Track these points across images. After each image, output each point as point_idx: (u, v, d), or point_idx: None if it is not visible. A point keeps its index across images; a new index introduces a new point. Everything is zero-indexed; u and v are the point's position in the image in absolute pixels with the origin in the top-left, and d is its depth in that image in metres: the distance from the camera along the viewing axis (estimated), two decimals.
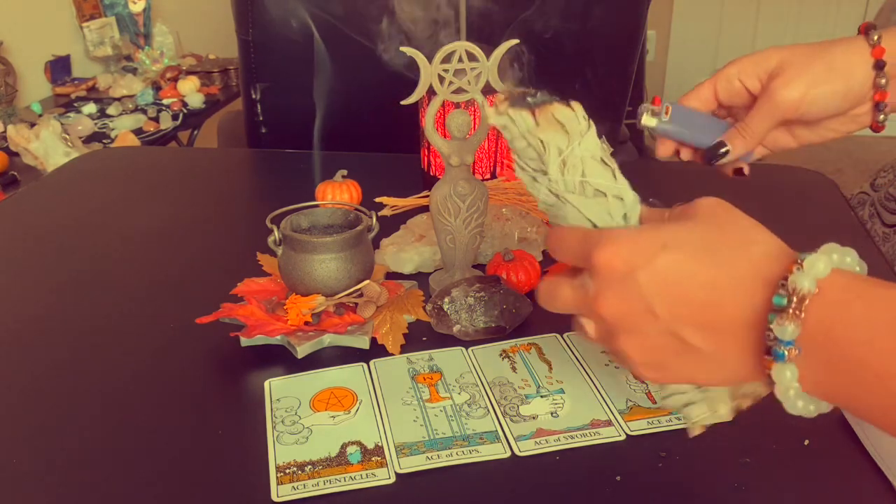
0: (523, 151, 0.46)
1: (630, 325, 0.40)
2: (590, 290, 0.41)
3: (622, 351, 0.41)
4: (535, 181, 0.46)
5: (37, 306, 0.74)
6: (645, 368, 0.41)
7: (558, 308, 0.44)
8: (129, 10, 2.63)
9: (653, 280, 0.39)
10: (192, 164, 1.17)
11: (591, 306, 0.41)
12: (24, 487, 0.52)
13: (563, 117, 0.45)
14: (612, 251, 0.40)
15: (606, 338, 0.42)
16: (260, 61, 1.26)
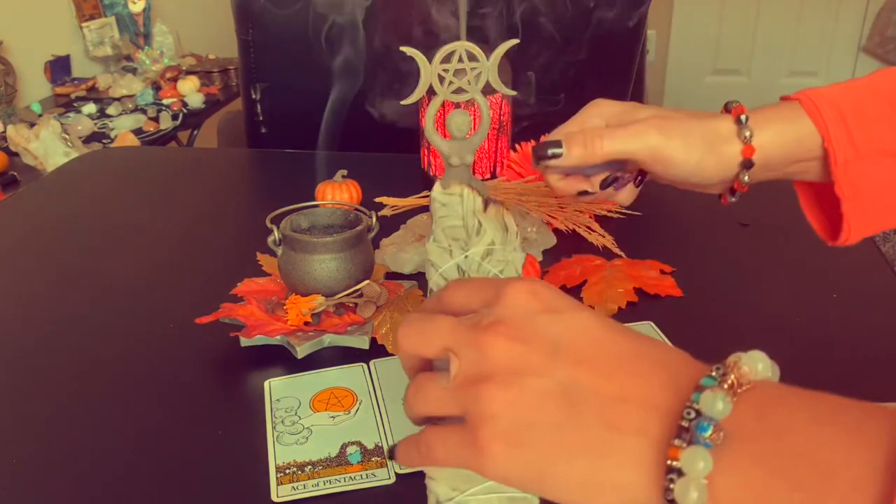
0: (450, 229, 0.45)
1: (517, 367, 0.31)
2: (483, 318, 0.33)
3: (485, 400, 0.31)
4: (446, 254, 0.44)
5: (36, 306, 0.74)
6: (501, 433, 0.31)
7: (420, 344, 0.35)
8: (128, 10, 2.63)
9: (571, 326, 0.32)
10: (192, 164, 1.17)
11: (479, 335, 0.32)
12: (24, 487, 0.52)
13: (509, 222, 0.45)
14: (536, 286, 0.34)
15: (473, 380, 0.32)
16: (260, 61, 1.26)
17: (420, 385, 0.35)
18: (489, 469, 0.32)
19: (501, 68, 0.67)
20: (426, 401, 0.34)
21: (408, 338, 0.36)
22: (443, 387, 0.33)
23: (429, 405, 0.34)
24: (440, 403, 0.34)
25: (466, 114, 0.68)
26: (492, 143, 0.94)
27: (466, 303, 0.36)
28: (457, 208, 0.45)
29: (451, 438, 0.33)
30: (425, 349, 0.35)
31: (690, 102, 3.57)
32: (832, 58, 3.44)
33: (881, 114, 0.52)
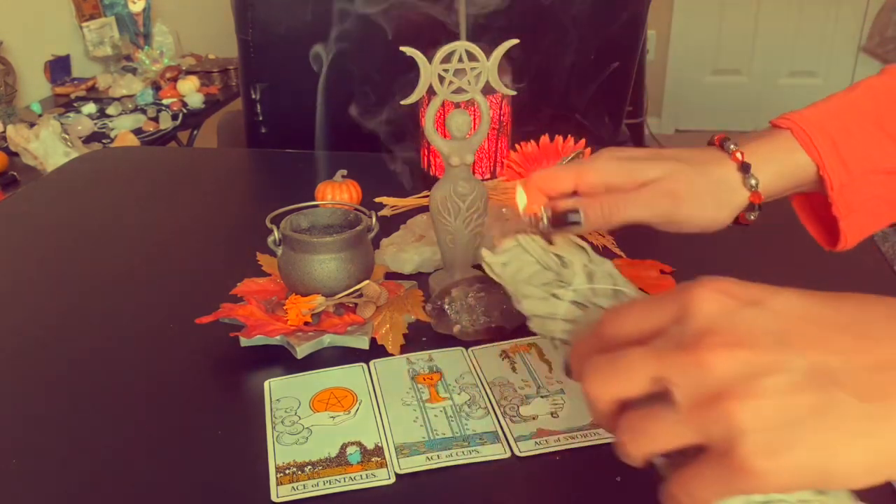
0: (534, 277, 0.43)
1: (749, 373, 0.29)
2: (684, 335, 0.31)
3: (730, 418, 0.29)
4: (551, 299, 0.42)
5: (36, 306, 0.74)
6: (761, 446, 0.29)
7: (621, 385, 0.32)
8: (128, 10, 2.63)
9: (780, 311, 0.31)
10: (191, 164, 1.17)
11: (692, 354, 0.30)
12: (24, 487, 0.52)
13: (580, 241, 0.44)
14: (718, 284, 0.32)
15: (704, 402, 0.30)
16: (260, 61, 1.26)
17: (638, 425, 0.32)
18: (763, 486, 0.30)
19: (501, 68, 0.67)
20: (653, 439, 0.32)
21: (601, 383, 0.33)
22: (670, 419, 0.31)
23: (657, 442, 0.32)
24: (671, 437, 0.31)
25: (466, 114, 0.68)
26: (492, 143, 0.94)
27: (642, 327, 0.33)
28: (523, 257, 0.44)
29: (705, 474, 0.31)
30: (627, 388, 0.32)
31: (690, 102, 3.57)
32: (832, 58, 3.44)
33: (868, 135, 0.54)
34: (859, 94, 0.56)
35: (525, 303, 0.43)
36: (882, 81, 0.57)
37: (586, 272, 0.42)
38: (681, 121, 3.64)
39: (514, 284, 0.44)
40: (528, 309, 0.43)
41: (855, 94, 0.56)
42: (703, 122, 3.60)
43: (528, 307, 0.43)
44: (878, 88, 0.56)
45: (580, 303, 0.41)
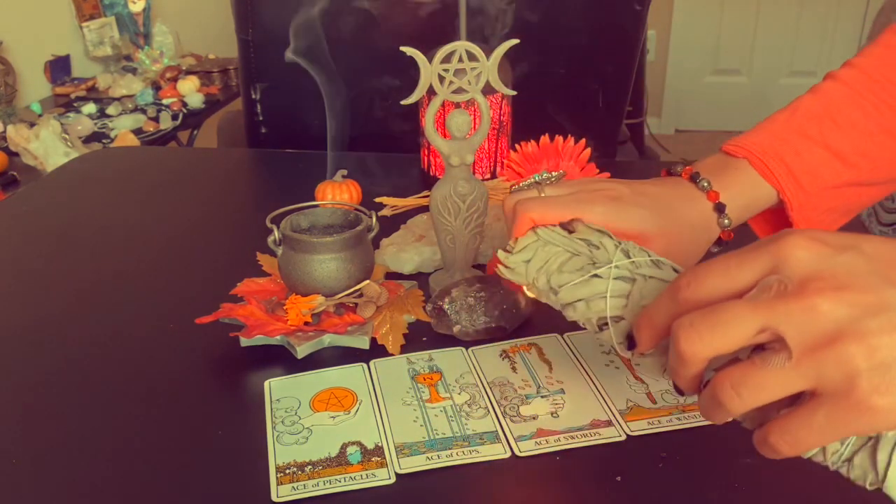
0: (565, 265, 0.43)
1: (858, 314, 0.30)
2: (786, 284, 0.32)
3: (845, 360, 0.30)
4: (592, 280, 0.42)
5: (35, 306, 0.74)
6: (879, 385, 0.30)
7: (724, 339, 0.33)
8: (128, 10, 2.63)
9: (873, 252, 0.32)
10: (191, 164, 1.17)
11: (798, 301, 0.31)
12: (23, 487, 0.52)
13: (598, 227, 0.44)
14: (808, 233, 0.33)
15: (816, 346, 0.31)
16: (260, 61, 1.26)
17: (742, 377, 0.33)
18: (882, 424, 0.31)
19: (501, 68, 0.67)
20: (759, 389, 0.33)
21: (699, 338, 0.33)
22: (778, 367, 0.32)
23: (762, 393, 0.33)
24: (780, 386, 0.32)
25: (466, 114, 0.68)
26: (492, 143, 0.94)
27: (733, 282, 0.34)
28: (546, 249, 0.44)
29: (815, 418, 0.32)
30: (730, 341, 0.33)
31: (690, 102, 3.58)
32: (832, 58, 3.44)
33: (816, 156, 0.58)
34: (801, 116, 0.59)
35: (563, 291, 0.42)
36: (818, 100, 0.60)
37: (621, 250, 0.42)
38: (681, 121, 3.64)
39: (545, 276, 0.43)
40: (566, 296, 0.42)
41: (797, 117, 0.60)
42: (703, 122, 3.61)
43: (567, 294, 0.42)
44: (815, 109, 0.60)
45: (626, 277, 0.41)
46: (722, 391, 0.34)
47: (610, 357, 0.63)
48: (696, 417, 0.56)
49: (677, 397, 0.58)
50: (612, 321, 0.41)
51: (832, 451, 0.35)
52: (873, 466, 0.34)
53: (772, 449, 0.34)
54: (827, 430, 0.32)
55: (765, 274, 0.33)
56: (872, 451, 0.34)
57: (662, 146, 3.29)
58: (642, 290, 0.40)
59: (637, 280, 0.41)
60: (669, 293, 0.36)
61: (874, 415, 0.31)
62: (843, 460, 0.35)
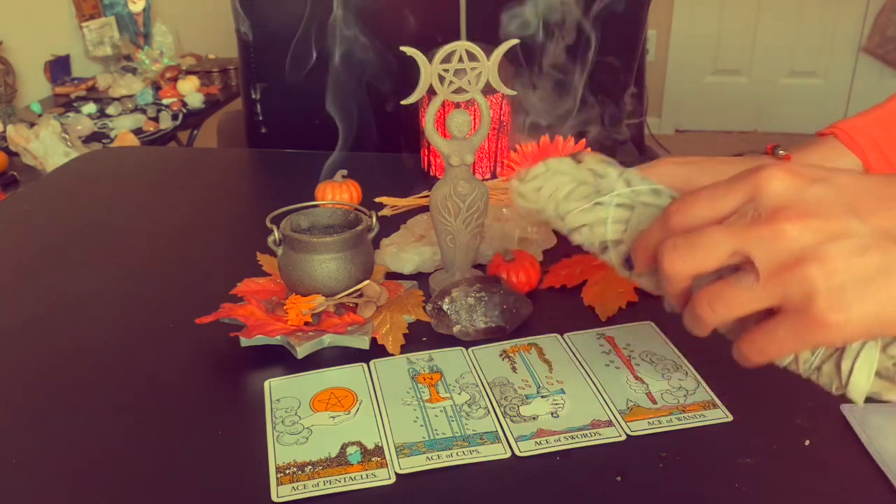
0: (571, 193, 0.46)
1: (822, 239, 0.34)
2: (760, 211, 0.35)
3: (807, 279, 0.33)
4: (596, 207, 0.45)
5: (35, 306, 0.74)
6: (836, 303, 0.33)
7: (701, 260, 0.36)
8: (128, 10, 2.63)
9: (843, 185, 0.35)
10: (192, 164, 1.17)
11: (769, 226, 0.34)
12: (23, 487, 0.52)
13: (605, 158, 0.46)
14: (784, 166, 0.36)
15: (782, 268, 0.34)
16: (260, 61, 1.26)
17: (716, 294, 0.37)
18: (838, 338, 0.34)
19: (501, 68, 0.67)
20: (731, 305, 0.36)
21: (680, 260, 0.37)
22: (749, 286, 0.35)
23: (733, 308, 0.36)
24: (748, 302, 0.36)
25: (466, 114, 0.68)
26: (492, 143, 0.94)
27: (716, 210, 0.37)
28: (555, 178, 0.46)
29: (779, 332, 0.35)
30: (706, 262, 0.37)
31: (690, 102, 3.57)
32: (832, 58, 3.44)
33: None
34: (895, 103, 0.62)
35: (569, 217, 0.46)
36: None
37: (623, 179, 0.45)
38: (681, 121, 3.64)
39: (553, 203, 0.47)
40: (572, 222, 0.46)
41: (892, 105, 0.62)
42: (703, 123, 3.61)
43: (573, 220, 0.46)
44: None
45: (626, 204, 0.44)
46: (699, 306, 0.38)
47: (610, 357, 0.63)
48: (696, 417, 0.56)
49: (677, 397, 0.58)
50: (613, 244, 0.45)
51: (803, 360, 0.38)
52: (837, 374, 0.38)
53: (744, 357, 0.38)
54: (788, 342, 0.35)
55: (744, 202, 0.36)
56: (838, 360, 0.37)
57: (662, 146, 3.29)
58: (640, 216, 0.44)
59: (636, 207, 0.44)
60: (661, 219, 0.40)
61: (829, 329, 0.34)
62: (813, 368, 0.39)
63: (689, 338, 0.65)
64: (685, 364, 0.62)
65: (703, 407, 0.57)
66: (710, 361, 0.61)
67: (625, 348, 0.64)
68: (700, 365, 0.61)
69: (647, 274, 0.43)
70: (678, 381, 0.60)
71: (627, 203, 0.44)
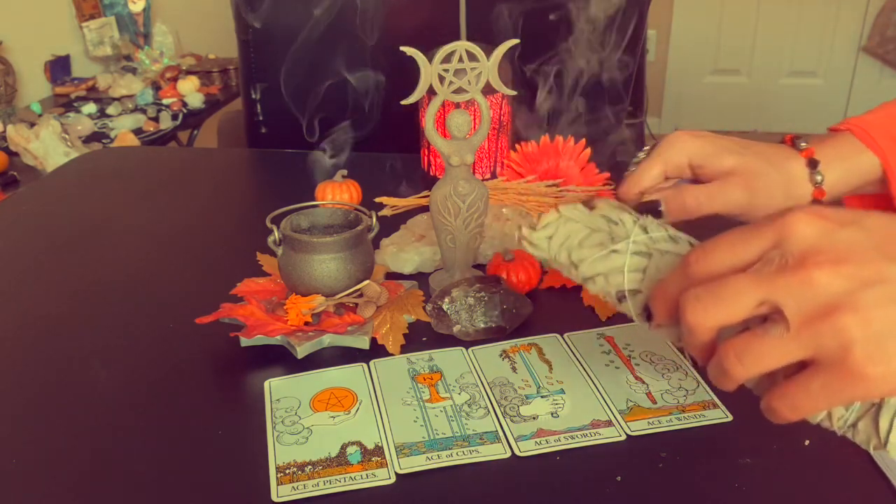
0: (584, 240, 0.44)
1: (855, 287, 0.32)
2: (787, 258, 0.33)
3: (841, 330, 0.32)
4: (611, 255, 0.43)
5: (36, 306, 0.74)
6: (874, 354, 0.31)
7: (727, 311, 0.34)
8: (128, 10, 2.63)
9: (874, 227, 0.33)
10: (192, 164, 1.17)
11: (798, 274, 0.32)
12: (23, 487, 0.52)
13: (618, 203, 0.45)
14: (812, 209, 0.34)
15: (814, 317, 0.32)
16: (260, 61, 1.26)
17: (744, 347, 0.34)
18: (877, 392, 0.32)
19: (501, 68, 0.67)
20: (759, 358, 0.34)
21: (703, 311, 0.35)
22: (779, 337, 0.33)
23: (763, 362, 0.34)
24: (779, 355, 0.33)
25: (466, 114, 0.68)
26: (492, 143, 0.94)
27: (739, 256, 0.35)
28: (567, 226, 0.45)
29: (812, 385, 0.33)
30: (732, 314, 0.34)
31: (690, 102, 3.57)
32: (832, 58, 3.44)
33: None
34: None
35: (583, 266, 0.44)
36: None
37: (639, 225, 0.43)
38: (681, 121, 3.64)
39: (566, 252, 0.45)
40: (587, 271, 0.44)
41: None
42: (703, 123, 3.60)
43: (587, 269, 0.44)
44: None
45: (643, 252, 0.42)
46: (726, 359, 0.35)
47: (610, 357, 0.63)
48: (696, 417, 0.56)
49: (677, 397, 0.58)
50: (630, 294, 0.43)
51: (838, 417, 0.36)
52: (876, 432, 0.35)
53: (775, 413, 0.36)
54: (823, 397, 0.33)
55: (769, 249, 0.34)
56: (875, 416, 0.35)
57: None
58: (658, 265, 0.42)
59: (653, 255, 0.42)
60: (681, 268, 0.37)
61: (868, 383, 0.32)
62: (847, 425, 0.36)
63: None
64: (685, 364, 0.62)
65: (703, 407, 0.57)
66: None
67: (625, 348, 0.64)
68: None
69: (667, 325, 0.41)
70: (678, 380, 0.60)
71: (644, 251, 0.42)
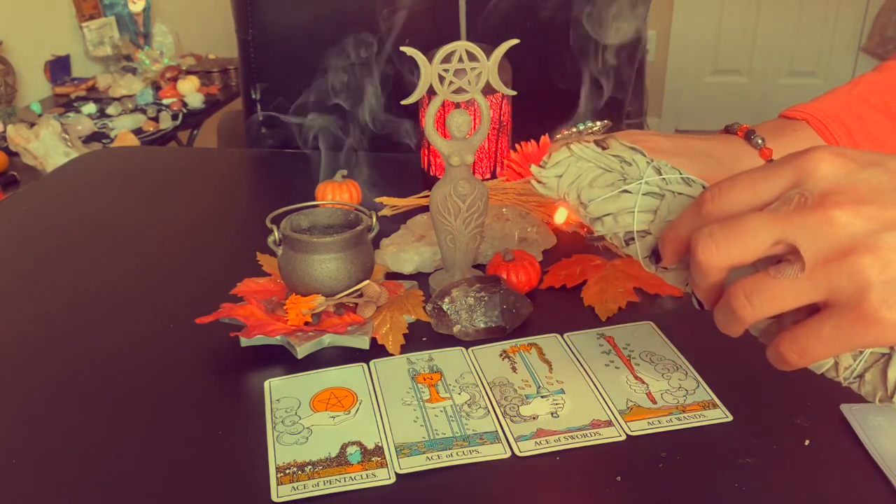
0: (596, 180, 0.43)
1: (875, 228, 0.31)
2: (808, 197, 0.32)
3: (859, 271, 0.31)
4: (622, 195, 0.41)
5: (36, 306, 0.74)
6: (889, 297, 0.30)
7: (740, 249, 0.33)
8: (128, 10, 2.63)
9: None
10: (192, 164, 1.17)
11: (818, 213, 0.31)
12: (24, 487, 0.52)
13: (631, 143, 0.43)
14: (834, 149, 0.33)
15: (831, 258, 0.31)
16: (260, 61, 1.26)
17: (755, 287, 0.33)
18: (888, 337, 0.31)
19: (501, 68, 0.67)
20: (771, 298, 0.33)
21: (716, 248, 0.34)
22: (794, 278, 0.32)
23: (774, 302, 0.33)
24: (791, 296, 0.32)
25: (466, 114, 0.68)
26: (492, 143, 0.94)
27: (757, 195, 0.34)
28: (579, 164, 0.43)
29: (824, 328, 0.32)
30: (746, 252, 0.33)
31: (690, 102, 3.57)
32: (832, 58, 3.44)
33: (878, 123, 0.56)
34: (864, 87, 0.59)
35: (592, 205, 0.42)
36: (883, 76, 0.60)
37: (652, 167, 0.42)
38: (681, 121, 3.64)
39: (575, 191, 0.43)
40: (595, 210, 0.42)
41: (860, 88, 0.59)
42: (703, 122, 3.60)
43: (596, 208, 0.42)
44: (880, 81, 0.59)
45: (655, 193, 0.41)
46: (735, 300, 0.34)
47: (610, 357, 0.63)
48: (696, 417, 0.56)
49: (677, 397, 0.58)
50: (639, 236, 0.41)
51: (845, 366, 0.35)
52: (883, 383, 0.34)
53: (781, 359, 0.34)
54: (835, 341, 0.32)
55: (789, 187, 0.33)
56: (884, 367, 0.34)
57: None
58: (670, 206, 0.40)
59: (666, 196, 0.41)
60: (695, 207, 0.36)
61: (882, 327, 0.31)
62: (854, 376, 0.35)
63: (689, 338, 0.65)
64: (685, 364, 0.62)
65: (703, 407, 0.57)
66: (710, 361, 0.61)
67: (625, 348, 0.64)
68: (700, 365, 0.61)
69: (675, 268, 0.40)
70: (678, 381, 0.60)
71: (657, 191, 0.41)
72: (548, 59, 1.13)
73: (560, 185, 0.44)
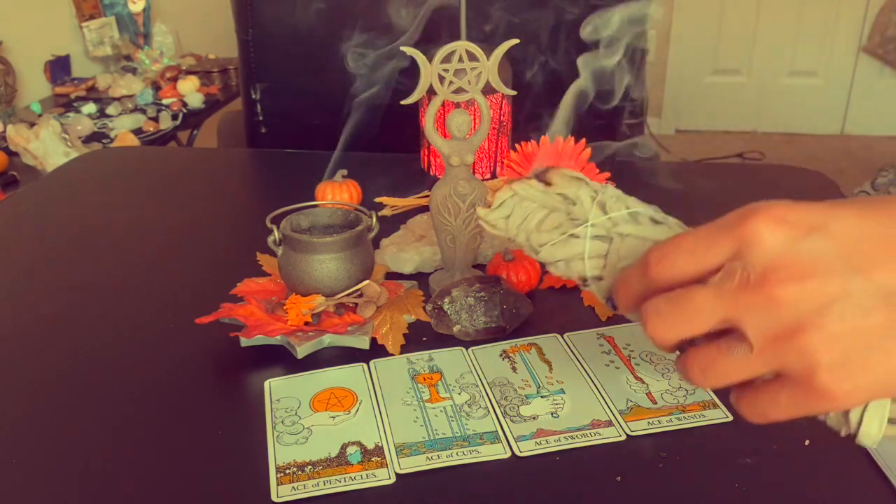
0: (542, 222, 0.42)
1: (820, 304, 0.30)
2: (749, 271, 0.31)
3: (808, 351, 0.31)
4: (570, 240, 0.41)
5: (36, 306, 0.74)
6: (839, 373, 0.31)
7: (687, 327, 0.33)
8: (128, 10, 2.63)
9: (840, 234, 0.31)
10: (192, 164, 1.17)
11: (760, 291, 0.31)
12: (23, 486, 0.52)
13: (574, 173, 0.42)
14: (774, 212, 0.32)
15: (778, 337, 0.31)
16: (260, 61, 1.26)
17: (709, 363, 0.33)
18: (841, 406, 0.32)
19: (501, 68, 0.67)
20: (724, 374, 0.33)
21: (663, 326, 0.34)
22: (743, 355, 0.32)
23: (728, 377, 0.33)
24: (743, 372, 0.33)
25: (466, 114, 0.68)
26: (492, 143, 0.94)
27: (699, 264, 0.33)
28: (524, 205, 0.43)
29: (779, 397, 0.33)
30: (692, 329, 0.33)
31: (690, 102, 3.57)
32: (832, 58, 3.44)
33: None
34: None
35: (542, 251, 0.42)
36: None
37: (597, 204, 0.41)
38: (681, 121, 3.64)
39: (524, 234, 0.43)
40: (546, 257, 0.42)
41: None
42: (703, 123, 3.61)
43: (547, 254, 0.42)
44: None
45: (603, 236, 0.40)
46: (690, 372, 0.34)
47: (610, 357, 0.63)
48: (696, 417, 0.56)
49: (677, 397, 0.58)
50: (593, 281, 0.41)
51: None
52: (846, 422, 0.35)
53: (745, 417, 0.35)
54: (791, 409, 0.33)
55: (730, 257, 0.33)
56: (844, 412, 0.35)
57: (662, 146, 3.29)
58: (619, 251, 0.40)
59: (614, 239, 0.40)
60: (641, 267, 0.36)
61: (833, 399, 0.31)
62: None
63: None
64: None
65: (703, 407, 0.57)
66: None
67: (625, 348, 0.64)
68: None
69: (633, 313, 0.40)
70: (678, 380, 0.60)
71: (604, 234, 0.41)
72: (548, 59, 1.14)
73: (508, 227, 0.44)
